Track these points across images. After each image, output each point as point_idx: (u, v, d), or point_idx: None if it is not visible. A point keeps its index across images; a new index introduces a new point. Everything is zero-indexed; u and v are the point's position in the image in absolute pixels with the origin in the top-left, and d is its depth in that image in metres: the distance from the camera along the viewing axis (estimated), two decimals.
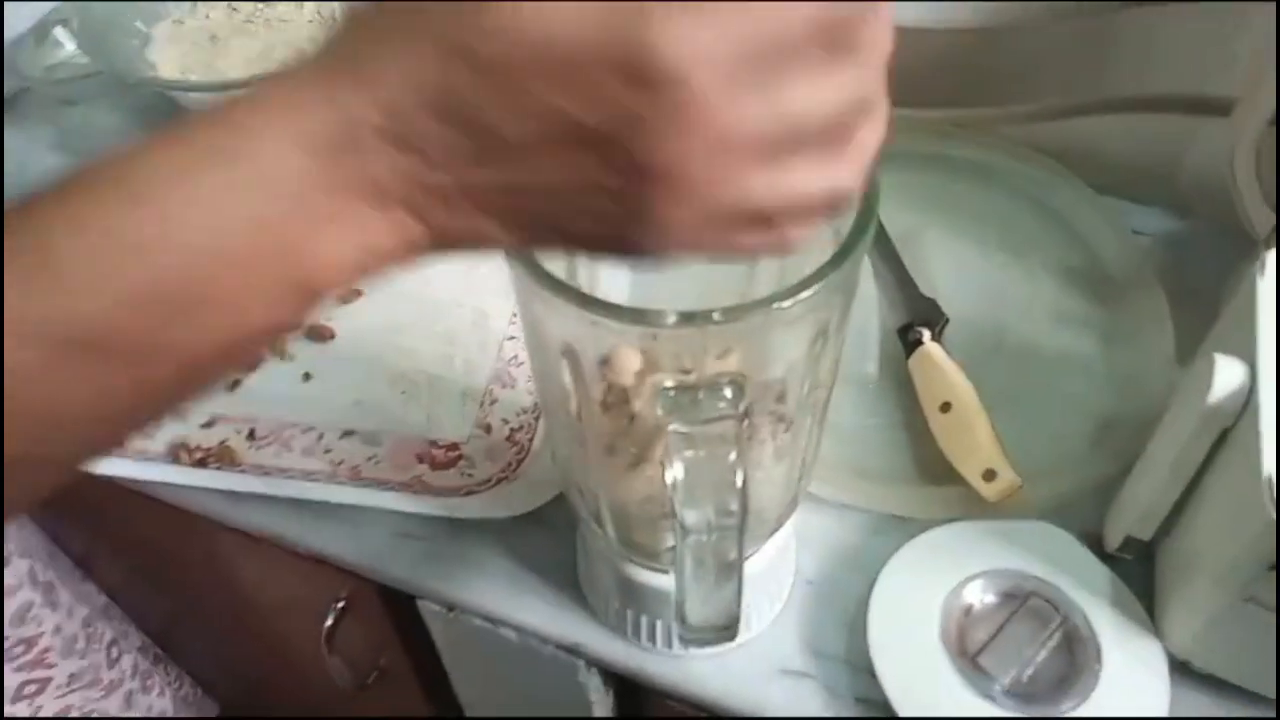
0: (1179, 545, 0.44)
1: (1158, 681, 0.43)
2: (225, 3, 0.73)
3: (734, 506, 0.30)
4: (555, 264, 0.32)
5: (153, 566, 0.70)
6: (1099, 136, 0.62)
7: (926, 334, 0.53)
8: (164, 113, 0.69)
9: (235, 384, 0.57)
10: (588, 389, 0.33)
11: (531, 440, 0.54)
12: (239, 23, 0.71)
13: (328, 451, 0.54)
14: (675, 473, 0.30)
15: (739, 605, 0.34)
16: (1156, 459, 0.44)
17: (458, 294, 0.60)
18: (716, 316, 0.29)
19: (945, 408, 0.50)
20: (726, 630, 0.34)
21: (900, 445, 0.52)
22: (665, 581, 0.42)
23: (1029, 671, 0.43)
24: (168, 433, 0.55)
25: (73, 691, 0.64)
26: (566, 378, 0.33)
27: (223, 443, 0.54)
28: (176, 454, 0.54)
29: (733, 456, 0.29)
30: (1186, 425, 0.41)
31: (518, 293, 0.33)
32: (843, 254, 0.31)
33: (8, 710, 0.59)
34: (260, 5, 0.72)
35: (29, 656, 0.62)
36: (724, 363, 0.32)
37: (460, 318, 0.59)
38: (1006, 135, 0.63)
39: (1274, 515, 0.36)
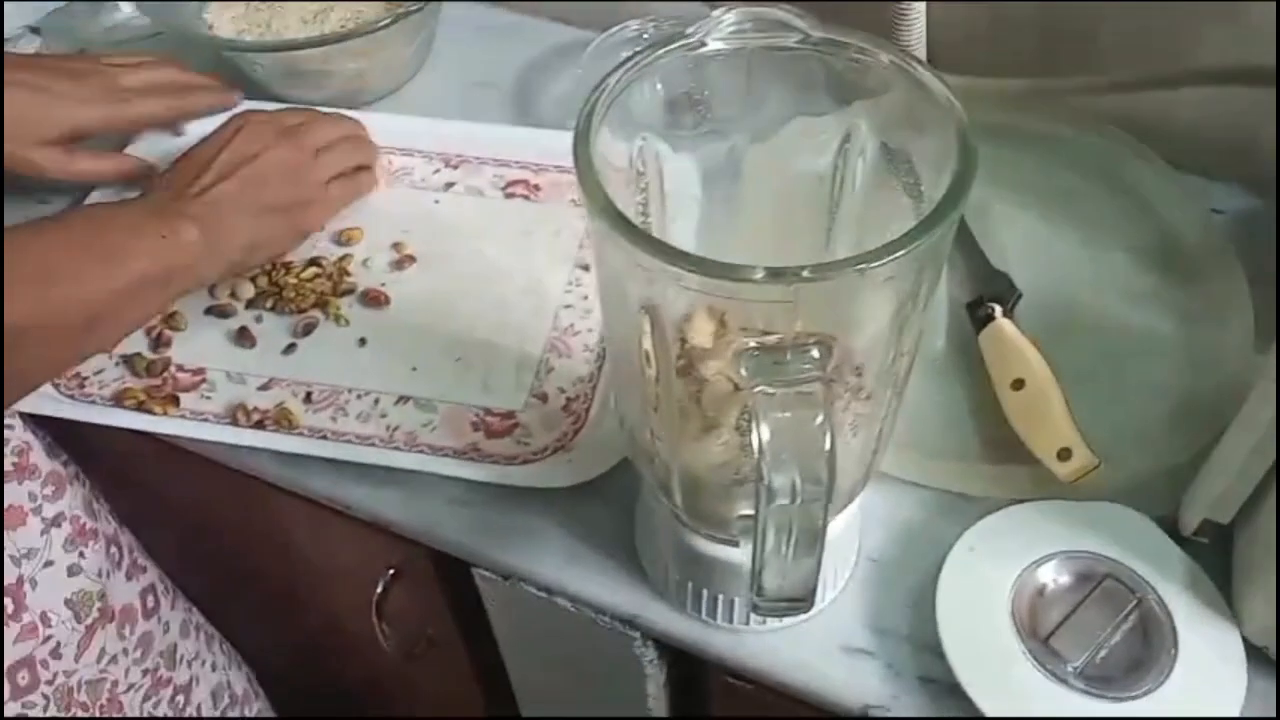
0: (1259, 530, 0.43)
1: (1234, 668, 0.41)
2: None
3: (822, 472, 0.29)
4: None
5: (203, 531, 0.70)
6: (1175, 109, 0.60)
7: (998, 309, 0.51)
8: (218, 72, 0.69)
9: (291, 347, 0.57)
10: (668, 349, 0.32)
11: (588, 410, 0.53)
12: None
13: (384, 417, 0.53)
14: (761, 435, 0.29)
15: (818, 577, 0.33)
16: (1238, 442, 0.42)
17: (512, 262, 0.60)
18: (806, 273, 0.28)
19: (1018, 385, 0.49)
20: (802, 603, 0.34)
21: (968, 422, 0.51)
22: (731, 553, 0.41)
23: (1102, 654, 0.42)
24: (225, 394, 0.55)
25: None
26: (646, 338, 0.32)
27: (280, 405, 0.54)
28: (235, 415, 0.53)
29: (820, 419, 0.29)
30: (1269, 408, 0.40)
31: (596, 248, 0.32)
32: (936, 217, 0.30)
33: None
34: None
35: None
36: (807, 328, 0.31)
37: (515, 286, 0.59)
38: (1077, 106, 0.61)
39: None
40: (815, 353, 0.29)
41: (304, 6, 0.69)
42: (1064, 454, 0.46)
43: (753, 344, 0.30)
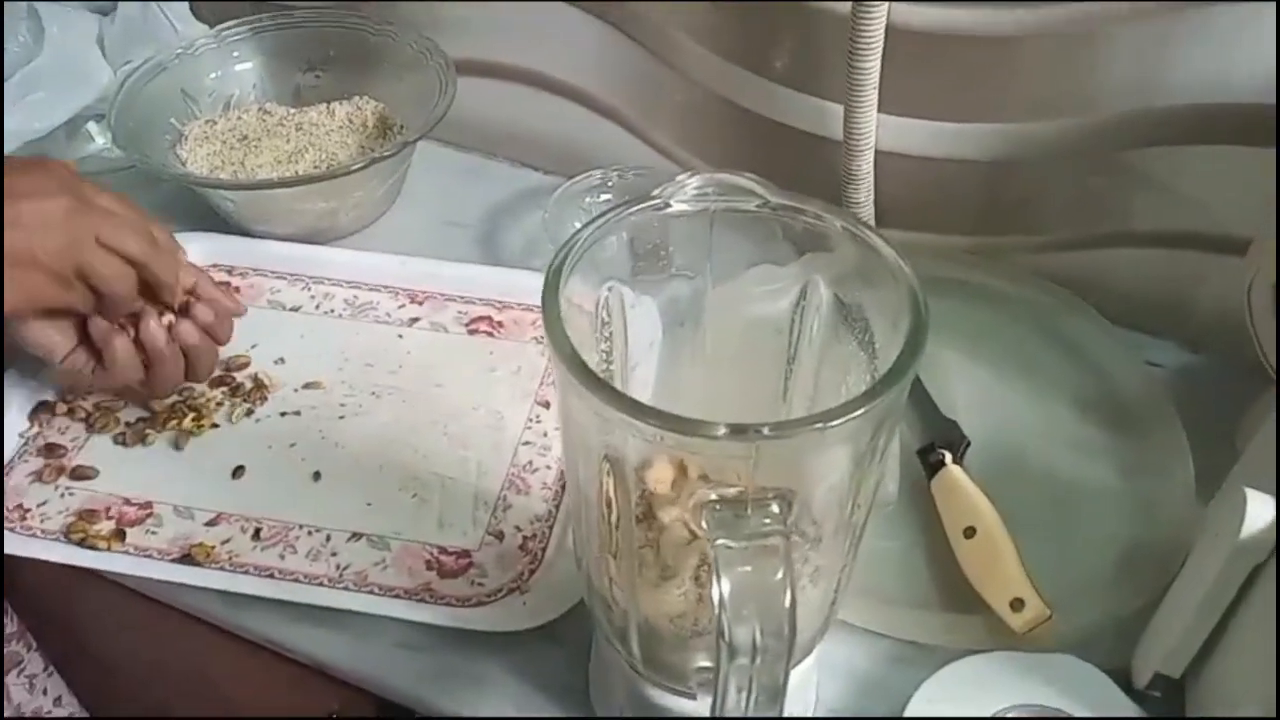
0: (1211, 684, 0.43)
1: None
2: (258, 107, 0.74)
3: (784, 627, 0.29)
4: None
5: (131, 674, 0.67)
6: (1114, 268, 0.63)
7: (948, 456, 0.53)
8: (187, 207, 0.70)
9: (239, 470, 0.56)
10: (628, 495, 0.32)
11: (544, 550, 0.53)
12: (271, 125, 0.73)
13: (334, 555, 0.53)
14: (722, 589, 0.29)
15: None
16: (1184, 596, 0.43)
17: (473, 398, 0.60)
18: (767, 431, 0.29)
19: (969, 532, 0.49)
20: None
21: (922, 570, 0.51)
22: (687, 706, 0.40)
23: None
24: (172, 528, 0.54)
25: None
26: (606, 485, 0.32)
27: (225, 541, 0.53)
28: (184, 551, 0.52)
29: (781, 574, 0.29)
30: (1216, 562, 0.41)
31: (561, 394, 0.33)
32: (891, 378, 0.31)
33: None
34: (292, 110, 0.74)
35: None
36: (766, 480, 0.32)
37: (475, 421, 0.59)
38: (1023, 264, 0.64)
39: None
40: (775, 507, 0.30)
41: (278, 147, 0.71)
42: (1016, 604, 0.47)
43: (714, 496, 0.30)
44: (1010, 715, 0.43)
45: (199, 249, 0.67)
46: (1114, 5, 0.55)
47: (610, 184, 0.69)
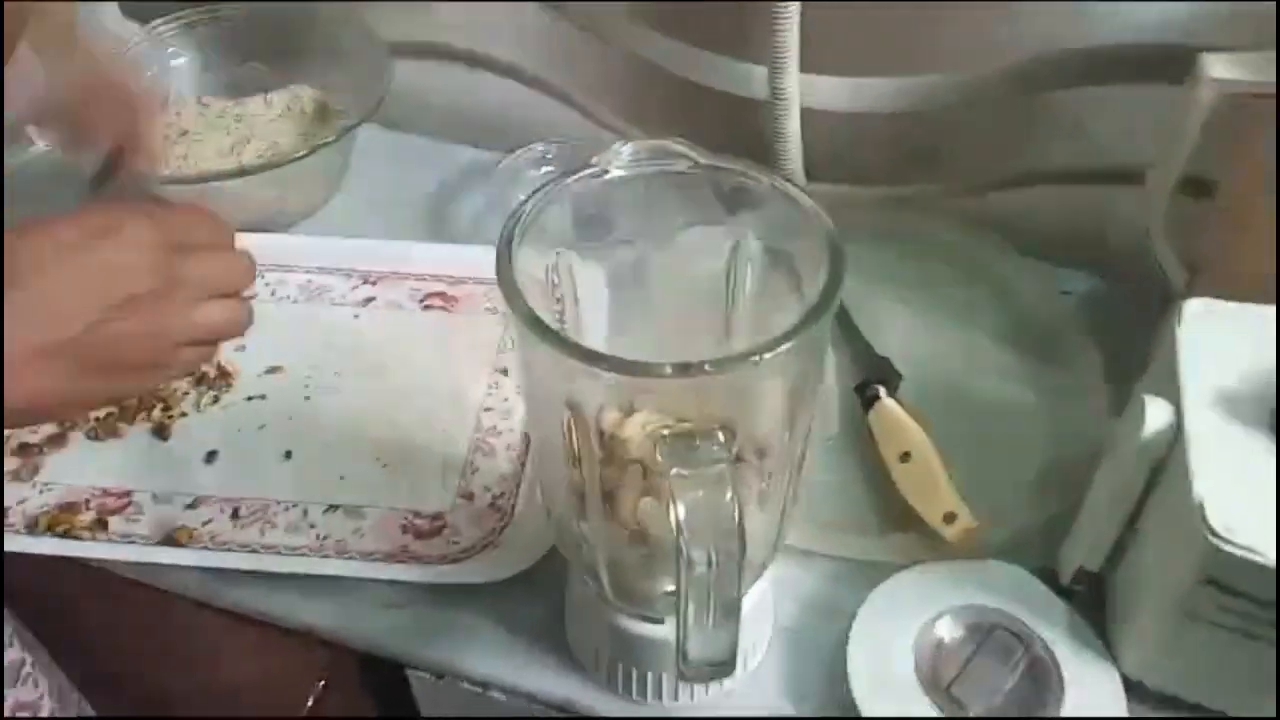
0: (1125, 574, 0.48)
1: (1116, 704, 0.46)
2: (196, 101, 0.75)
3: (734, 543, 0.32)
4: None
5: (122, 659, 0.69)
6: (1027, 206, 0.67)
7: (883, 390, 0.57)
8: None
9: (212, 455, 0.58)
10: (589, 439, 0.36)
11: (514, 506, 0.56)
12: (211, 118, 0.74)
13: (313, 527, 0.55)
14: (679, 513, 0.32)
15: (737, 640, 0.36)
16: (1099, 496, 0.48)
17: (433, 370, 0.63)
18: (708, 367, 0.32)
19: (905, 457, 0.54)
20: (726, 666, 0.37)
21: (863, 496, 0.55)
22: (658, 631, 0.44)
23: (998, 699, 0.46)
24: (153, 514, 0.56)
25: None
26: (569, 430, 0.36)
27: (206, 523, 0.55)
28: (166, 534, 0.54)
29: (729, 496, 0.32)
30: (1123, 463, 0.45)
31: (521, 353, 0.36)
32: (814, 313, 0.34)
33: None
34: (229, 103, 0.75)
35: None
36: (712, 414, 0.35)
37: (437, 392, 0.62)
38: (944, 207, 0.68)
39: (1206, 535, 0.40)
40: (721, 437, 0.33)
41: (219, 139, 0.72)
42: (949, 518, 0.51)
43: (666, 431, 0.33)
44: (945, 617, 0.48)
45: None
46: None
47: (551, 156, 0.72)
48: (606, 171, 0.39)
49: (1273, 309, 0.47)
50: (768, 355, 0.32)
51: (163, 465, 0.58)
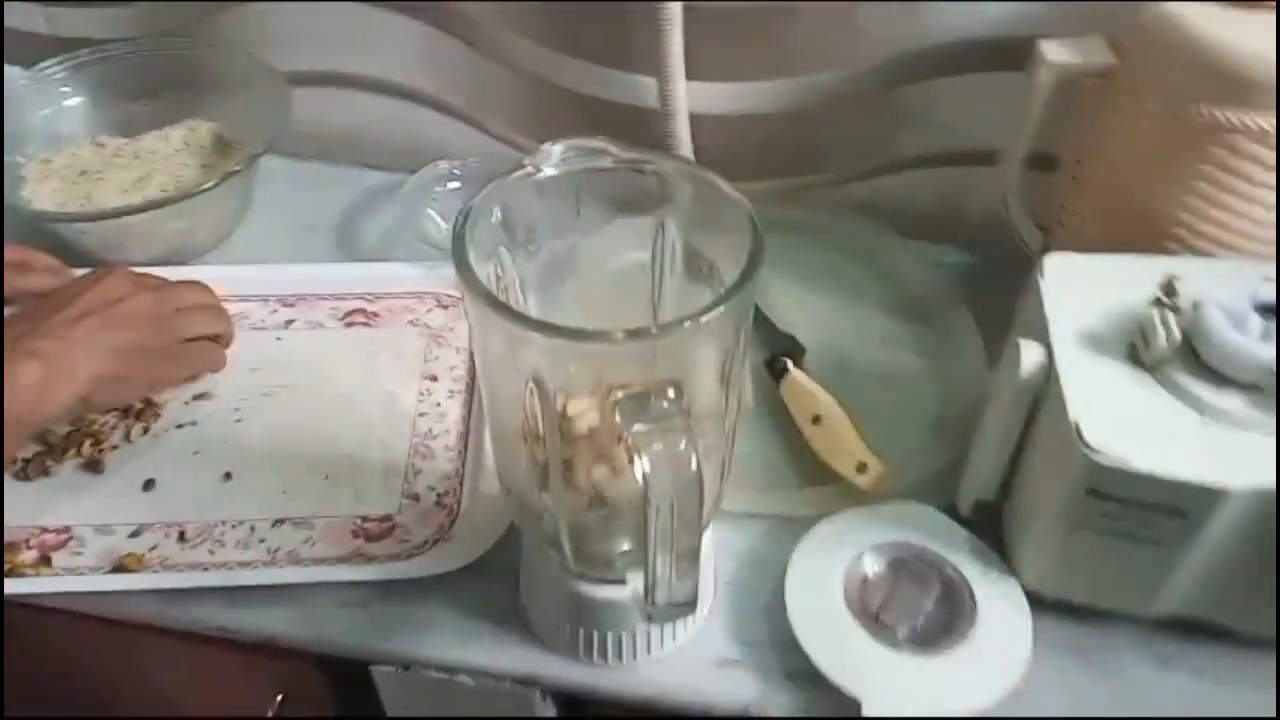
0: (1017, 499, 0.54)
1: (1020, 614, 0.52)
2: (90, 141, 0.75)
3: (694, 489, 0.36)
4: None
5: (71, 695, 0.68)
6: (896, 191, 0.74)
7: (790, 363, 0.62)
8: (35, 247, 0.70)
9: (149, 484, 0.59)
10: (552, 412, 0.39)
11: (459, 502, 0.58)
12: (108, 157, 0.74)
13: (262, 541, 0.57)
14: (643, 465, 0.36)
15: (698, 581, 0.40)
16: (987, 435, 0.54)
17: (363, 383, 0.65)
18: (654, 330, 0.37)
19: (816, 420, 0.59)
20: (689, 605, 0.41)
21: (782, 459, 0.61)
22: (617, 592, 0.48)
23: (921, 621, 0.51)
24: (96, 546, 0.56)
25: None
26: (532, 406, 0.39)
27: (153, 548, 0.56)
28: (114, 563, 0.55)
29: (685, 444, 0.36)
30: (1006, 401, 0.52)
31: (481, 337, 0.39)
32: (744, 278, 0.39)
33: None
34: (127, 140, 0.76)
35: None
36: (660, 375, 0.39)
37: (369, 404, 0.64)
38: (824, 197, 0.75)
39: (1085, 451, 0.46)
40: (671, 393, 0.37)
41: (122, 176, 0.72)
42: (861, 468, 0.57)
43: (621, 395, 0.37)
44: (867, 554, 0.53)
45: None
46: None
47: (457, 172, 0.75)
48: (539, 169, 0.43)
49: (1117, 257, 0.54)
50: (706, 317, 0.37)
51: (99, 498, 0.59)
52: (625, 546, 0.45)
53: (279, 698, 0.61)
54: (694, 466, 0.36)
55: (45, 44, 0.80)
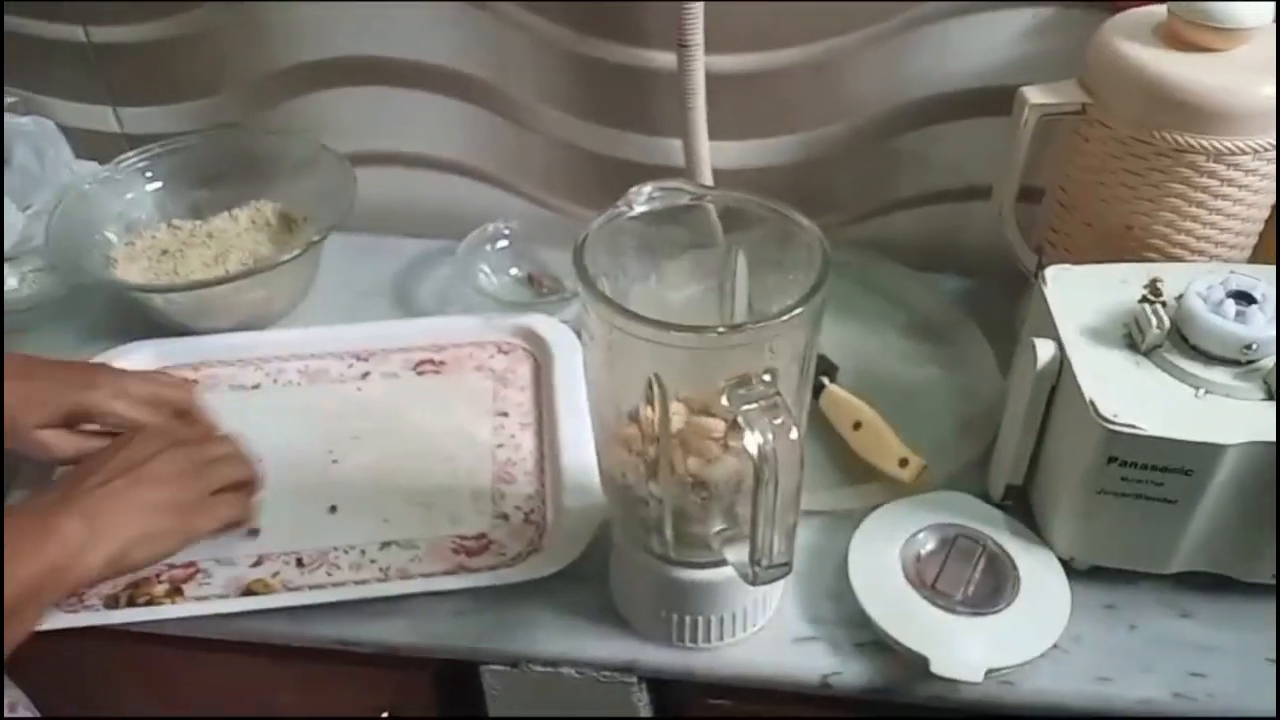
0: (1043, 479, 0.62)
1: (1058, 578, 0.59)
2: (166, 225, 0.82)
3: (796, 455, 0.44)
4: None
5: None
6: (900, 228, 0.84)
7: (826, 380, 0.70)
8: (121, 323, 0.77)
9: (255, 532, 0.65)
10: (665, 404, 0.46)
11: (545, 518, 0.65)
12: (184, 238, 0.81)
13: (373, 562, 0.63)
14: (754, 440, 0.43)
15: (794, 542, 0.47)
16: (1011, 423, 0.62)
17: (441, 423, 0.72)
18: (748, 323, 0.44)
19: (857, 426, 0.67)
20: (788, 565, 0.48)
21: (827, 463, 0.68)
22: (711, 575, 0.54)
23: (971, 588, 0.58)
24: (222, 576, 0.62)
25: None
26: (649, 402, 0.46)
27: (275, 574, 0.62)
28: (242, 589, 0.60)
29: (783, 419, 0.44)
30: (1024, 393, 0.60)
31: (598, 345, 0.47)
32: (818, 284, 0.47)
33: None
34: (198, 223, 0.83)
35: None
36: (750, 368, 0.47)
37: (450, 440, 0.70)
38: (836, 237, 0.83)
39: (1102, 423, 0.54)
40: (768, 378, 0.45)
41: (202, 254, 0.79)
42: (902, 463, 0.64)
43: (731, 381, 0.45)
44: (919, 535, 0.60)
45: (153, 353, 0.75)
46: (852, 36, 0.75)
47: (505, 232, 0.83)
48: (631, 208, 0.51)
49: (1106, 265, 0.63)
50: (792, 314, 0.44)
51: (214, 543, 0.64)
52: (719, 526, 0.52)
53: (385, 715, 0.66)
54: (794, 435, 0.44)
55: (117, 140, 0.88)
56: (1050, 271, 0.63)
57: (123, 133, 0.89)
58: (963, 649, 0.55)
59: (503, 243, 0.83)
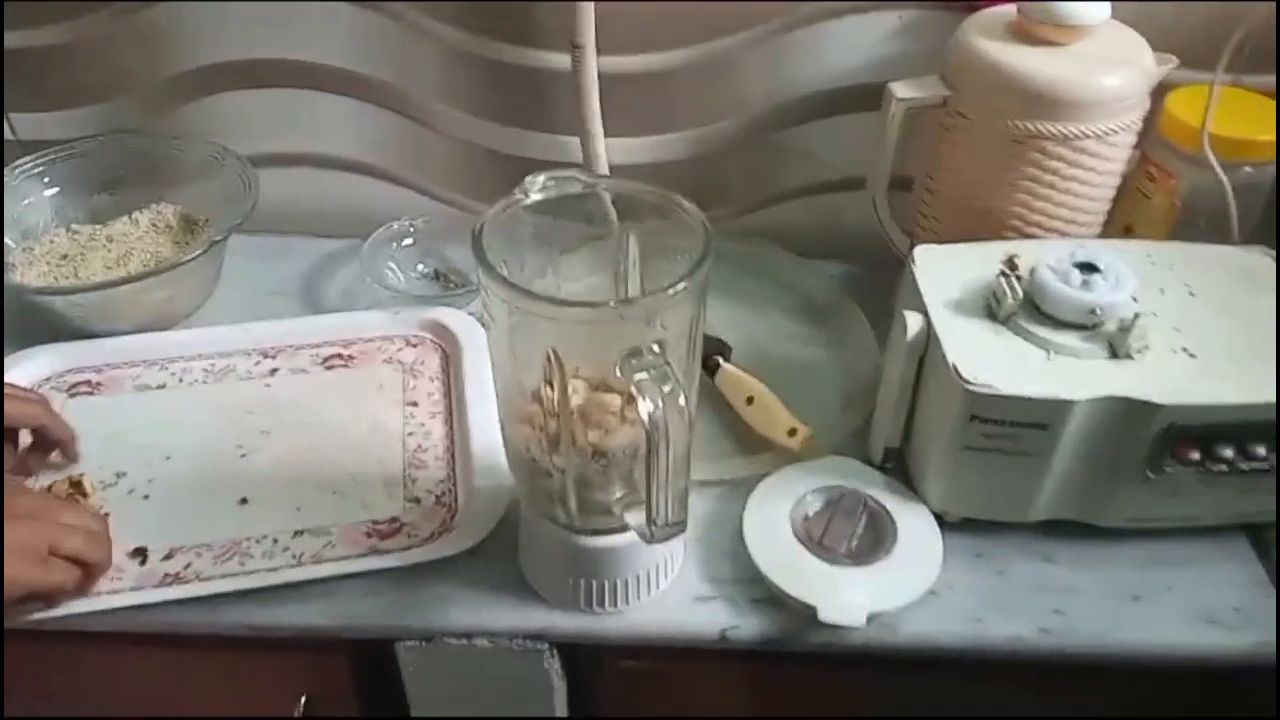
0: (916, 441, 0.67)
1: (931, 530, 0.64)
2: (65, 230, 0.82)
3: (684, 421, 0.47)
4: None
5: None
6: (787, 218, 0.89)
7: (721, 359, 0.74)
8: (22, 328, 0.77)
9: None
10: (564, 378, 0.50)
11: (455, 500, 0.67)
12: (83, 242, 0.81)
13: (286, 549, 0.64)
14: (647, 407, 0.47)
15: (688, 502, 0.51)
16: (888, 392, 0.67)
17: (352, 415, 0.73)
18: (639, 296, 0.48)
19: (749, 401, 0.71)
20: (682, 523, 0.51)
21: (722, 435, 0.72)
22: (615, 541, 0.58)
23: (855, 542, 0.63)
24: (134, 572, 0.63)
25: None
26: (547, 375, 0.50)
27: (187, 566, 0.63)
28: (154, 580, 0.62)
29: (669, 388, 0.47)
30: (899, 362, 0.65)
31: (499, 325, 0.50)
32: (702, 258, 0.51)
33: None
34: (98, 227, 0.83)
35: None
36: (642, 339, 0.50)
37: (360, 430, 0.72)
38: (727, 227, 0.88)
39: (963, 385, 0.59)
40: (658, 348, 0.48)
41: (104, 256, 0.80)
42: (791, 433, 0.69)
43: (625, 352, 0.48)
44: (806, 497, 0.65)
45: (55, 357, 0.75)
46: (737, 36, 0.80)
47: (410, 230, 0.85)
48: (527, 196, 0.54)
49: (968, 245, 0.68)
50: (680, 285, 0.48)
51: (126, 529, 0.65)
52: (619, 492, 0.55)
53: (303, 699, 0.68)
54: (682, 402, 0.48)
55: (11, 148, 0.87)
56: (918, 251, 0.68)
57: (16, 139, 0.88)
58: (847, 597, 0.60)
59: (408, 240, 0.85)
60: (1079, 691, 0.67)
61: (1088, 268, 0.63)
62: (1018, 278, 0.64)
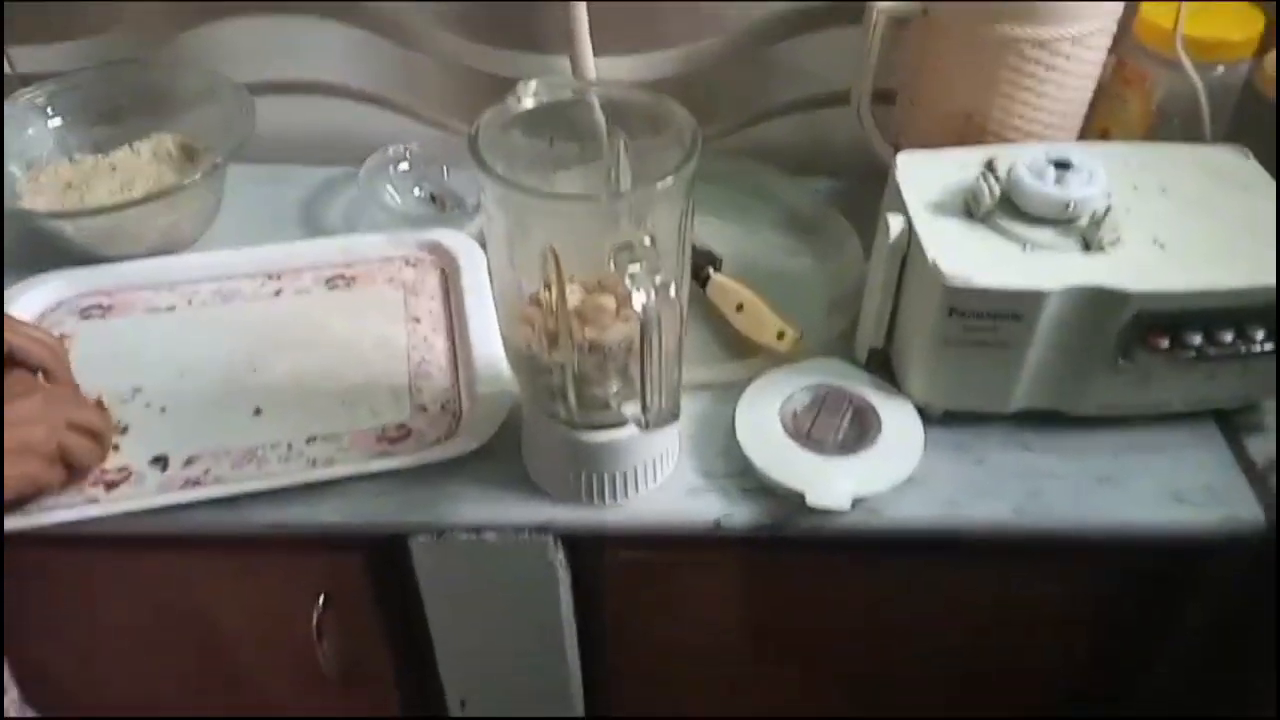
0: (899, 340, 0.70)
1: (913, 421, 0.67)
2: (68, 160, 0.84)
3: (675, 307, 0.50)
4: None
5: (118, 630, 0.76)
6: (775, 135, 0.90)
7: (712, 270, 0.77)
8: (28, 255, 0.79)
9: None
10: (562, 274, 0.52)
11: (460, 407, 0.70)
12: (87, 171, 0.83)
13: (300, 454, 0.67)
14: (640, 298, 0.50)
15: (680, 391, 0.54)
16: (872, 293, 0.70)
17: (356, 331, 0.76)
18: (628, 190, 0.50)
19: (739, 308, 0.74)
20: (675, 413, 0.54)
21: (716, 341, 0.75)
22: (614, 435, 0.61)
23: (841, 435, 0.66)
24: (153, 479, 0.66)
25: None
26: (548, 277, 0.52)
27: (207, 471, 0.66)
28: (175, 484, 0.65)
29: (663, 276, 0.50)
30: (882, 263, 0.67)
31: (498, 225, 0.52)
32: (690, 152, 0.53)
33: None
34: (100, 157, 0.85)
35: None
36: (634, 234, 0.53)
37: (367, 345, 0.75)
38: (716, 145, 0.90)
39: (943, 281, 0.62)
40: (648, 242, 0.51)
41: (109, 184, 0.82)
42: (780, 336, 0.72)
43: (616, 246, 0.51)
44: (794, 394, 0.68)
45: (66, 282, 0.78)
46: None
47: (405, 155, 0.87)
48: (520, 101, 0.56)
49: (949, 150, 0.71)
50: (668, 180, 0.51)
51: (139, 444, 0.68)
52: (616, 386, 0.58)
53: (321, 597, 0.72)
54: (673, 294, 0.50)
55: (10, 81, 0.88)
56: (900, 156, 0.71)
57: (15, 73, 0.89)
58: (833, 484, 0.63)
59: (404, 165, 0.87)
60: (1053, 575, 0.71)
61: (1062, 165, 0.65)
62: (996, 178, 0.66)
